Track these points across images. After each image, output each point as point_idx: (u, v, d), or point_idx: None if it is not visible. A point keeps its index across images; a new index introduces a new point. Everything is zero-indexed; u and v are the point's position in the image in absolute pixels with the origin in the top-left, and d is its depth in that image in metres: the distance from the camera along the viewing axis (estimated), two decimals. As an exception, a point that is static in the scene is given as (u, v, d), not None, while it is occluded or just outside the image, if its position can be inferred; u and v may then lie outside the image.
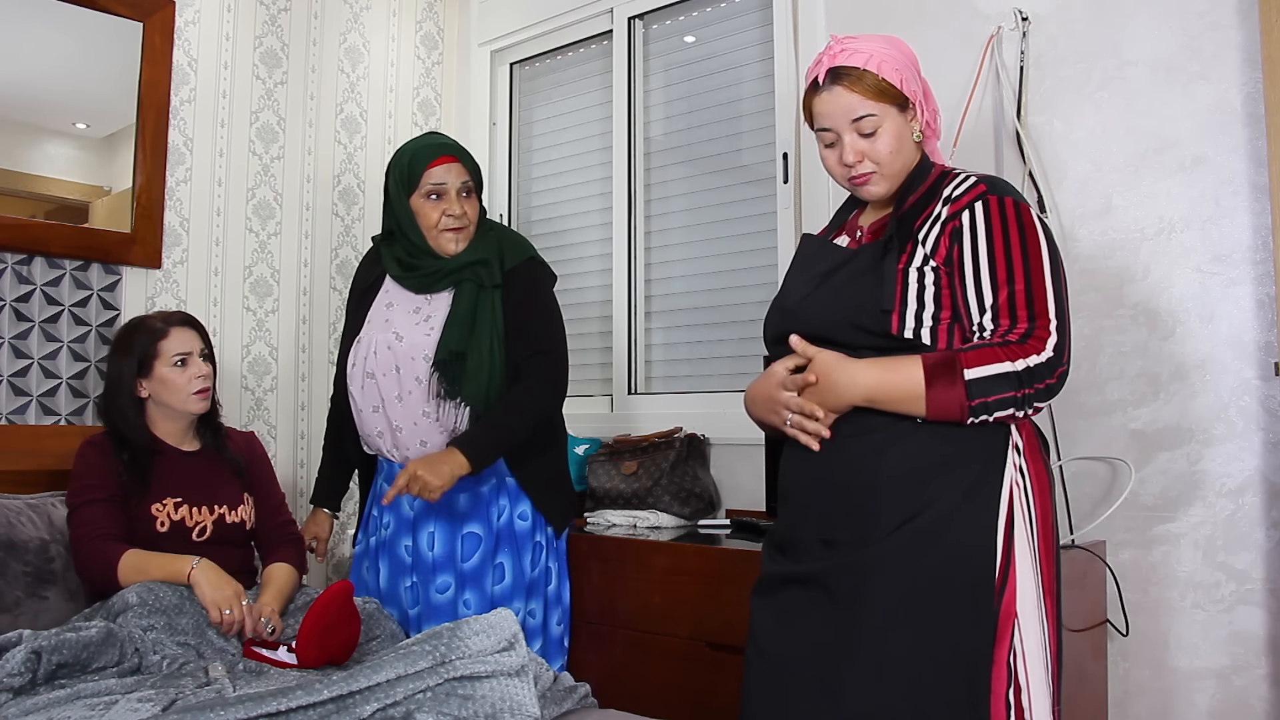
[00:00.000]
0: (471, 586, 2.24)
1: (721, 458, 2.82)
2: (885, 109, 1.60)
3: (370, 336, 2.29)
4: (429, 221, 2.26)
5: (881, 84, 1.59)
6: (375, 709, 1.58)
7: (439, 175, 2.24)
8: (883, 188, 1.64)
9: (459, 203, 2.26)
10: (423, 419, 2.23)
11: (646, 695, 2.24)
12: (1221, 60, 2.11)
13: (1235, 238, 2.08)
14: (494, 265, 2.26)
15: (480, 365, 2.19)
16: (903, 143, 1.62)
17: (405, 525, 2.28)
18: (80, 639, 1.78)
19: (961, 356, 1.47)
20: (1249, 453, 2.06)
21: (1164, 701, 2.13)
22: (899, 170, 1.63)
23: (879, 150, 1.61)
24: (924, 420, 1.50)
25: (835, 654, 1.52)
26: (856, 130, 1.61)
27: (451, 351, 2.19)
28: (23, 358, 2.53)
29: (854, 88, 1.59)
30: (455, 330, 2.21)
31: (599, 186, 3.26)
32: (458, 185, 2.26)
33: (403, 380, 2.23)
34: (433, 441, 2.23)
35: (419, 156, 2.26)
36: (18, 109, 2.58)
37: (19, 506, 2.18)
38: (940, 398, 1.47)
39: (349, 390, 2.32)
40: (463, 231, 2.27)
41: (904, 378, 1.49)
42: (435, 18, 3.53)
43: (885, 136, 1.61)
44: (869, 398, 1.52)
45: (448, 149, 2.28)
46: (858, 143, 1.61)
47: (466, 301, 2.23)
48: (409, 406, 2.23)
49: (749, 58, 2.94)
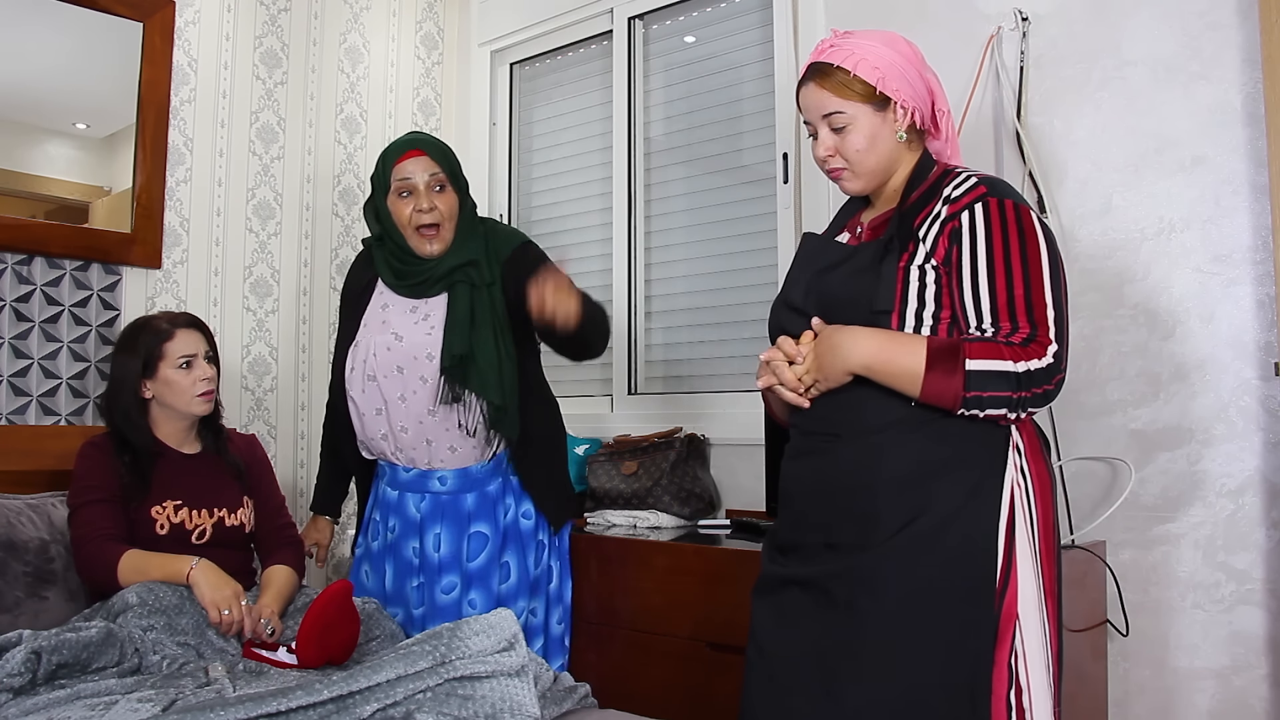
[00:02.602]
0: (477, 586, 2.23)
1: (721, 458, 2.82)
2: (857, 107, 1.61)
3: (368, 339, 2.27)
4: (402, 219, 2.23)
5: (854, 83, 1.60)
6: (375, 709, 1.58)
7: (406, 170, 2.22)
8: (856, 185, 1.66)
9: (429, 197, 2.21)
10: (428, 418, 2.22)
11: (646, 695, 2.24)
12: (1221, 60, 2.11)
13: (1235, 238, 2.08)
14: (483, 265, 2.24)
15: (489, 360, 2.18)
16: (876, 142, 1.62)
17: (412, 527, 2.27)
18: (80, 639, 1.78)
19: (966, 346, 1.47)
20: (1249, 453, 2.06)
21: (1164, 701, 2.13)
22: (871, 169, 1.64)
23: (848, 147, 1.62)
24: (916, 403, 1.50)
25: (836, 655, 1.52)
26: (828, 125, 1.63)
27: (456, 356, 2.17)
28: (23, 358, 2.53)
29: (825, 84, 1.61)
30: (456, 334, 2.19)
31: (599, 187, 3.26)
32: (425, 179, 2.22)
33: (406, 381, 2.22)
34: (438, 440, 2.22)
35: (388, 155, 2.25)
36: (18, 109, 2.58)
37: (19, 506, 2.18)
38: (937, 383, 1.47)
39: (349, 395, 2.30)
40: (438, 230, 2.23)
41: (905, 355, 1.49)
42: (435, 18, 3.53)
43: (854, 135, 1.61)
44: (867, 366, 1.52)
45: (414, 144, 2.24)
46: (829, 138, 1.63)
47: (463, 303, 2.22)
48: (412, 407, 2.22)
49: (749, 58, 2.94)
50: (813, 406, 1.60)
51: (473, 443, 2.23)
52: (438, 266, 2.25)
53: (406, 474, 2.27)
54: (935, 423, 1.51)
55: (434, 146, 2.26)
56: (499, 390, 2.18)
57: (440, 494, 2.25)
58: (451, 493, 2.25)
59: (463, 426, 2.21)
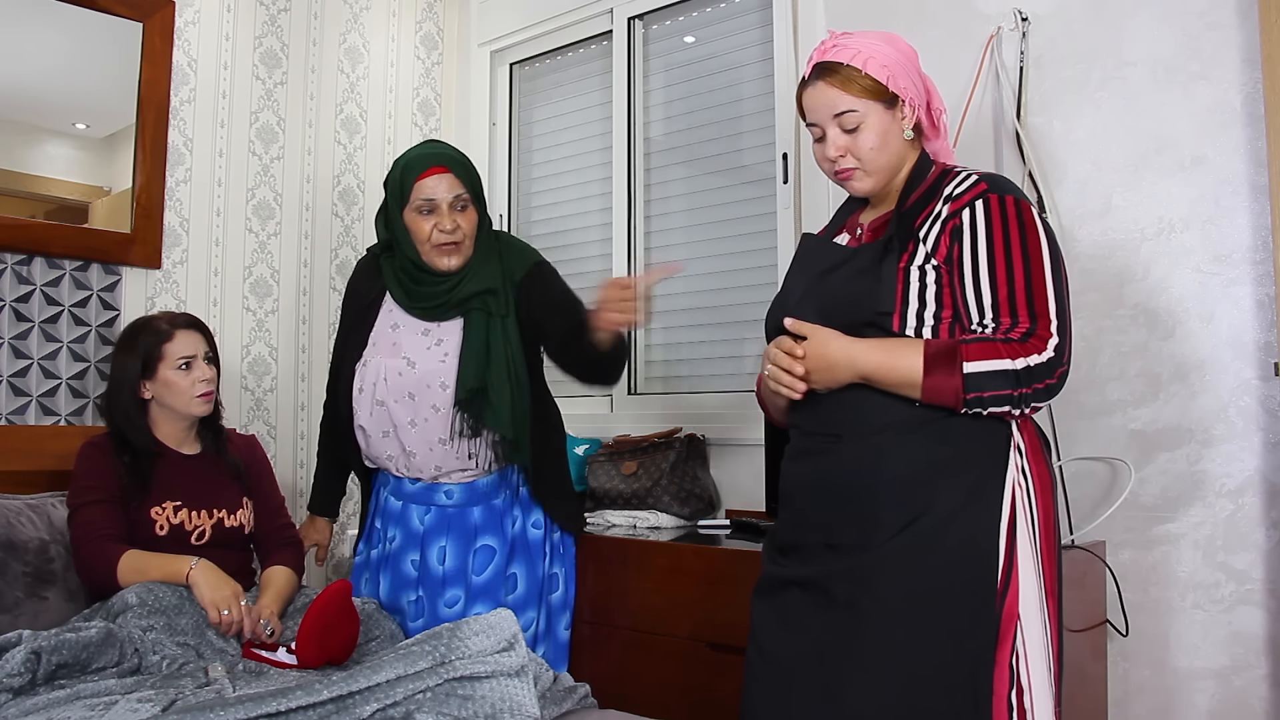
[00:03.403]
0: (483, 601, 2.20)
1: (721, 458, 2.82)
2: (869, 105, 1.60)
3: (378, 362, 2.22)
4: (421, 236, 2.16)
5: (865, 80, 1.59)
6: (375, 709, 1.58)
7: (429, 189, 2.14)
8: (867, 184, 1.65)
9: (451, 217, 2.15)
10: (438, 445, 2.19)
11: (646, 695, 2.24)
12: (1221, 60, 2.11)
13: (1235, 238, 2.08)
14: (501, 294, 2.19)
15: (502, 395, 2.15)
16: (888, 140, 1.62)
17: (414, 540, 2.25)
18: (80, 639, 1.78)
19: (963, 348, 1.47)
20: (1249, 453, 2.06)
21: (1164, 701, 2.13)
22: (883, 167, 1.63)
23: (860, 146, 1.61)
24: (920, 404, 1.50)
25: (837, 655, 1.52)
26: (839, 125, 1.62)
27: (471, 390, 2.13)
28: (23, 358, 2.53)
29: (836, 83, 1.60)
30: (471, 365, 2.14)
31: (599, 187, 3.26)
32: (450, 199, 2.15)
33: (417, 407, 2.19)
34: (448, 465, 2.21)
35: (409, 169, 2.16)
36: (18, 109, 2.58)
37: (19, 507, 2.18)
38: (937, 385, 1.47)
39: (356, 416, 2.26)
40: (458, 248, 2.18)
41: (903, 363, 1.49)
42: (435, 18, 3.53)
43: (867, 133, 1.61)
44: (865, 377, 1.52)
45: (439, 159, 2.16)
46: (840, 138, 1.62)
47: (478, 333, 2.16)
48: (424, 432, 2.19)
49: (749, 58, 2.94)
50: (814, 407, 1.60)
51: (482, 463, 2.23)
52: (454, 292, 2.19)
53: (412, 486, 2.26)
54: (936, 423, 1.52)
55: (459, 164, 2.18)
56: (511, 424, 2.16)
57: (446, 507, 2.24)
58: (458, 506, 2.24)
59: (473, 457, 2.20)
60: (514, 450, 2.20)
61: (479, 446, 2.19)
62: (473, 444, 2.19)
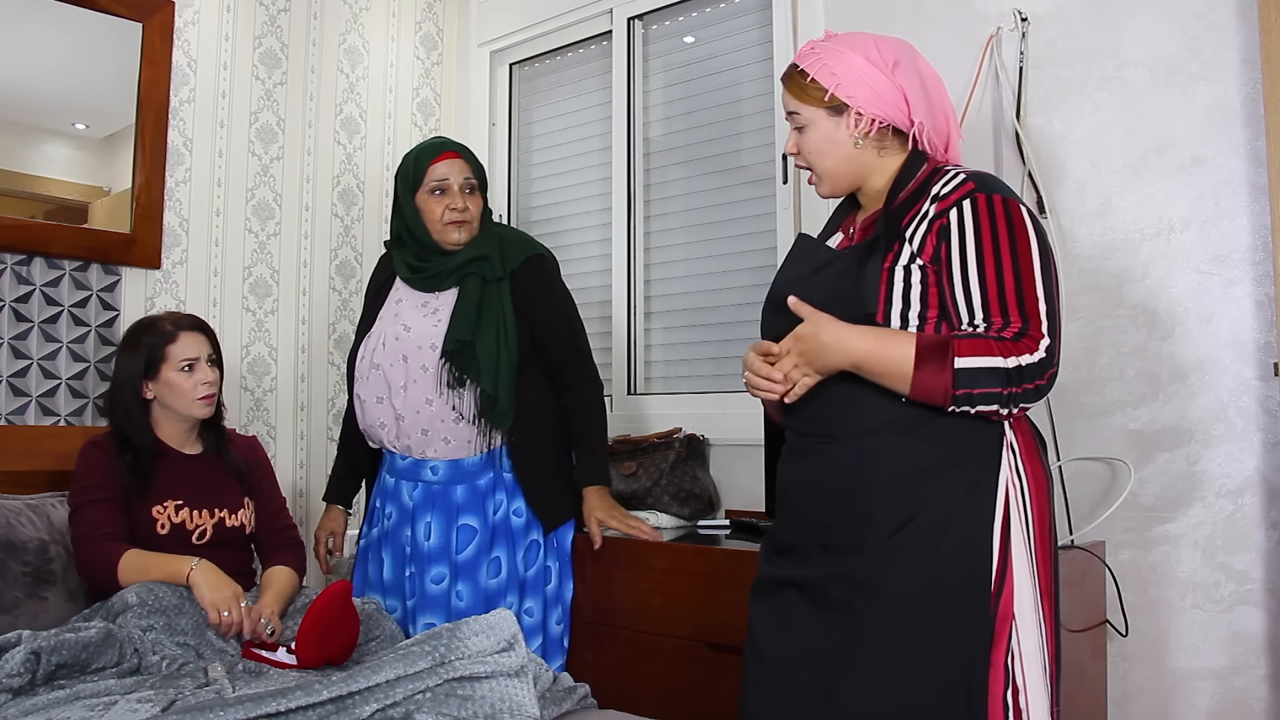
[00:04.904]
0: (465, 578, 2.26)
1: (721, 458, 2.82)
2: (813, 111, 1.63)
3: (380, 331, 2.36)
4: (433, 216, 2.31)
5: (811, 86, 1.62)
6: (375, 709, 1.58)
7: (442, 171, 2.31)
8: (823, 188, 1.70)
9: (462, 197, 2.32)
10: (425, 406, 2.26)
11: (646, 695, 2.24)
12: (1221, 61, 2.11)
13: (1235, 238, 2.08)
14: (495, 260, 2.32)
15: (489, 351, 2.24)
16: (831, 147, 1.64)
17: (406, 515, 2.32)
18: (80, 639, 1.78)
19: (956, 343, 1.47)
20: (1248, 453, 2.06)
21: (1163, 702, 2.13)
22: (829, 171, 1.66)
23: (805, 148, 1.66)
24: (907, 400, 1.50)
25: (833, 656, 1.52)
26: (792, 125, 1.68)
27: (459, 341, 2.24)
28: (22, 358, 2.53)
29: (788, 85, 1.66)
30: (462, 321, 2.26)
31: (599, 187, 3.26)
32: (460, 180, 2.32)
33: (409, 369, 2.28)
34: (434, 429, 2.27)
35: (424, 153, 2.34)
36: (18, 109, 2.58)
37: (19, 507, 2.18)
38: (926, 380, 1.47)
39: (355, 384, 2.38)
40: (466, 225, 2.32)
41: (894, 354, 1.49)
42: (435, 18, 3.53)
43: (810, 138, 1.65)
44: (856, 365, 1.52)
45: (451, 146, 2.36)
46: (792, 136, 1.68)
47: (472, 294, 2.29)
48: (412, 395, 2.27)
49: (749, 58, 2.94)
50: (806, 407, 1.60)
51: (467, 435, 2.27)
52: (452, 260, 2.32)
53: (402, 461, 2.33)
54: (928, 423, 1.51)
55: (468, 152, 2.37)
56: (493, 378, 2.24)
57: (432, 483, 2.30)
58: (442, 483, 2.29)
59: (456, 410, 2.25)
60: (493, 407, 2.25)
61: (464, 400, 2.25)
62: (458, 397, 2.25)
